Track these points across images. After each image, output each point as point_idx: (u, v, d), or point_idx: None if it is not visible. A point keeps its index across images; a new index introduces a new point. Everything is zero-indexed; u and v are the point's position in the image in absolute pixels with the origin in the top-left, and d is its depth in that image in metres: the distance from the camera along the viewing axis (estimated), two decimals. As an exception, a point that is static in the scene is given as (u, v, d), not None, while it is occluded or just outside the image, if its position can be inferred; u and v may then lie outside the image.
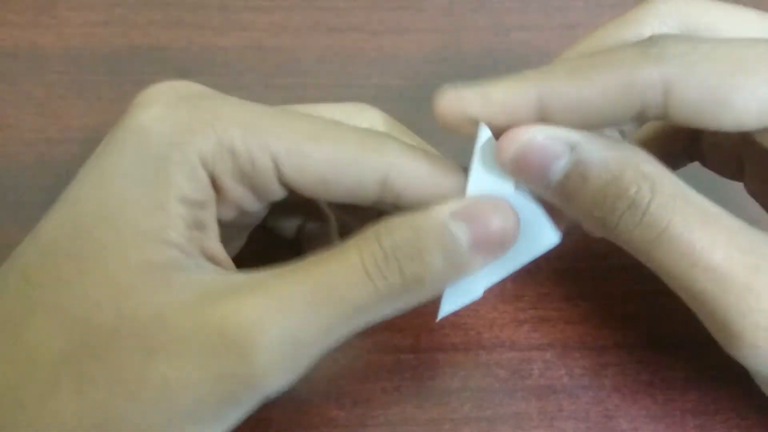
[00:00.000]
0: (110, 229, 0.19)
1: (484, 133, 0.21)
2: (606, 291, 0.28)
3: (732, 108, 0.19)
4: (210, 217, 0.21)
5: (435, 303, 0.28)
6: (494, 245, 0.20)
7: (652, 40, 0.20)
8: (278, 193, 0.22)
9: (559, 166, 0.20)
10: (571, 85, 0.20)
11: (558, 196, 0.21)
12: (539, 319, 0.27)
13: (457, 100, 0.21)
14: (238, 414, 0.19)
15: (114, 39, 0.35)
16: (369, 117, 0.24)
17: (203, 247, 0.21)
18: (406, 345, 0.27)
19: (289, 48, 0.35)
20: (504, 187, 0.21)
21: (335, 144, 0.21)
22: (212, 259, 0.21)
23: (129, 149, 0.20)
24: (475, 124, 0.21)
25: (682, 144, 0.27)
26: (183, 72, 0.34)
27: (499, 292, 0.28)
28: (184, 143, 0.20)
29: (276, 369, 0.18)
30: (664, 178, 0.20)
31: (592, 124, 0.20)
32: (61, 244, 0.19)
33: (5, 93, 0.33)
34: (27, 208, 0.30)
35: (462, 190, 0.21)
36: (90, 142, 0.22)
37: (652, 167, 0.20)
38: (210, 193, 0.21)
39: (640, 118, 0.20)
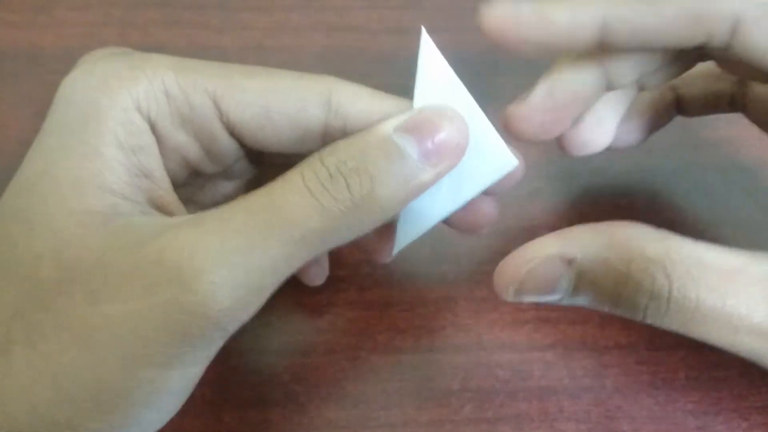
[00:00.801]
0: (49, 180, 0.19)
1: (426, 42, 0.20)
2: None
3: None
4: (155, 165, 0.21)
5: (435, 304, 0.28)
6: (444, 154, 0.20)
7: None
8: (226, 144, 0.22)
9: (564, 284, 0.20)
10: (639, 12, 0.19)
11: (580, 304, 0.20)
12: (540, 320, 0.27)
13: (512, 19, 0.20)
14: (197, 354, 0.18)
15: (113, 39, 0.35)
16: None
17: (152, 197, 0.20)
18: (406, 346, 0.27)
19: (289, 48, 0.35)
20: (451, 98, 0.21)
21: (272, 76, 0.21)
22: (163, 209, 0.20)
23: (61, 104, 0.20)
24: (533, 45, 0.20)
25: (729, 91, 0.26)
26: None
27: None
28: (114, 88, 0.20)
29: (227, 297, 0.17)
30: (673, 253, 0.19)
31: (652, 48, 0.20)
32: (9, 205, 0.19)
33: (5, 93, 0.33)
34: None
35: (408, 106, 0.21)
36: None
37: (654, 247, 0.19)
38: (149, 138, 0.21)
39: (700, 49, 0.20)
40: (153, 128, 0.21)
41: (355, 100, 0.21)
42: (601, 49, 0.20)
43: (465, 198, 0.21)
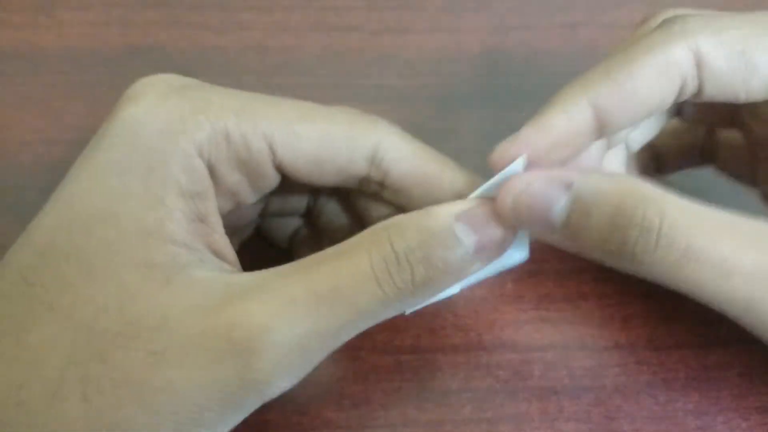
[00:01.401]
0: (112, 226, 0.19)
1: (518, 165, 0.21)
2: (607, 292, 0.28)
3: (760, 69, 0.20)
4: (211, 209, 0.21)
5: (434, 304, 0.28)
6: (495, 250, 0.20)
7: (671, 20, 0.21)
8: (272, 180, 0.22)
9: (559, 207, 0.20)
10: (615, 83, 0.20)
11: (567, 238, 0.20)
12: (540, 320, 0.27)
13: (516, 145, 0.21)
14: (239, 417, 0.19)
15: (113, 39, 0.35)
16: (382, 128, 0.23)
17: (208, 241, 0.21)
18: (406, 346, 0.27)
19: (289, 48, 0.35)
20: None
21: (327, 123, 0.22)
22: (218, 254, 0.21)
23: (122, 143, 0.20)
24: (551, 159, 0.21)
25: (699, 142, 0.27)
26: (183, 72, 0.33)
27: (499, 293, 0.28)
28: (179, 134, 0.20)
29: (280, 374, 0.18)
30: (667, 197, 0.19)
31: (644, 113, 0.21)
32: (60, 244, 0.19)
33: (5, 93, 0.33)
34: (27, 208, 0.30)
35: (447, 171, 0.22)
36: (89, 143, 0.21)
37: (651, 189, 0.20)
38: (208, 183, 0.21)
39: (680, 98, 0.21)
40: (211, 171, 0.21)
41: (399, 160, 0.22)
42: (607, 131, 0.21)
43: (476, 279, 0.22)
